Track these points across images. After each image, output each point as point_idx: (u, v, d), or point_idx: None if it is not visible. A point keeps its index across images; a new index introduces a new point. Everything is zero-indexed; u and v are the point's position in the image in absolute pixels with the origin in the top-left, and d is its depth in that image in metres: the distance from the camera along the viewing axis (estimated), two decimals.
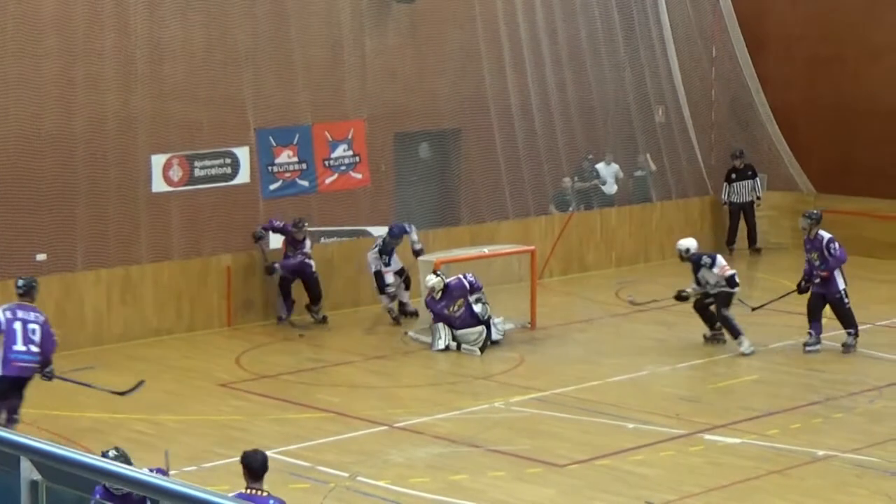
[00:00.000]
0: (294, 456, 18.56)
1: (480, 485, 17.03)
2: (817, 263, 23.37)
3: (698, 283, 23.98)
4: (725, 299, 23.65)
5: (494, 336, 24.05)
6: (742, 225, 32.18)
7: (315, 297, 25.82)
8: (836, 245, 23.37)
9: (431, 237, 27.88)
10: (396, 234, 25.93)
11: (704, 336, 24.21)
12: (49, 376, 18.84)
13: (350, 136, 28.25)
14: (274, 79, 27.08)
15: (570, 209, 30.64)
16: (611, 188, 31.82)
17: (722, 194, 32.10)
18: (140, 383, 19.75)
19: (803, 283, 23.72)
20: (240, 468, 12.84)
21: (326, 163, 27.97)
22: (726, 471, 18.02)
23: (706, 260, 23.81)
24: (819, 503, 16.94)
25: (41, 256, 24.55)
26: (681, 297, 24.28)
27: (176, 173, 26.15)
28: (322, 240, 27.25)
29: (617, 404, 20.80)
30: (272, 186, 27.31)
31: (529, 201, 30.21)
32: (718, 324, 23.94)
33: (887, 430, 19.62)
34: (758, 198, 32.05)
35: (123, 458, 12.86)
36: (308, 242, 25.62)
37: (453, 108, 29.51)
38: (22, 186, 24.33)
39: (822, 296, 23.50)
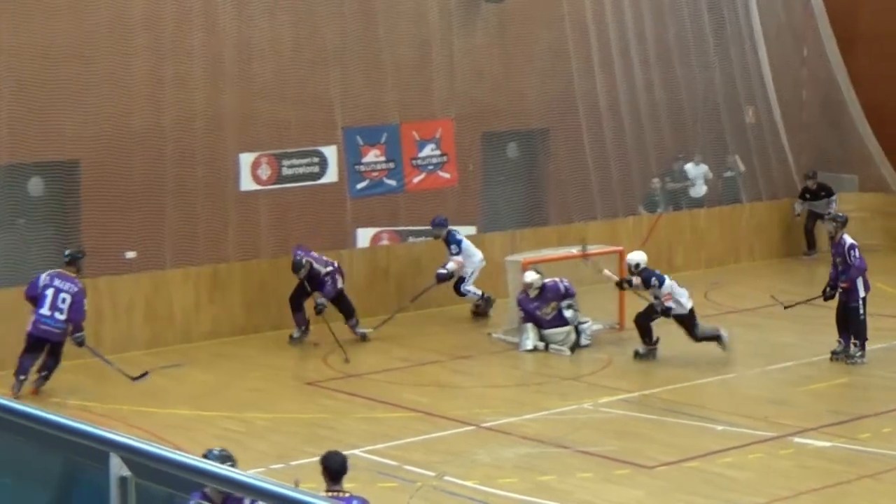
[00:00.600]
0: (381, 455, 18.58)
1: (568, 486, 16.98)
2: (840, 269, 22.91)
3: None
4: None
5: (583, 342, 23.98)
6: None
7: (349, 312, 24.86)
8: (857, 252, 22.84)
9: (518, 237, 27.87)
10: (438, 224, 25.85)
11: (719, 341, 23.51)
12: (79, 342, 20.99)
13: (438, 136, 28.25)
14: (362, 78, 27.12)
15: (659, 210, 30.51)
16: (700, 189, 31.66)
17: (795, 207, 31.68)
18: (145, 374, 21.03)
19: (828, 289, 23.21)
20: None
21: (414, 162, 27.99)
22: (816, 474, 17.90)
23: (654, 282, 23.46)
24: None
25: (131, 254, 24.72)
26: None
27: (264, 172, 26.25)
28: (409, 239, 27.27)
29: (705, 406, 20.72)
30: (359, 185, 27.34)
31: (618, 202, 30.12)
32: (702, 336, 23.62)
33: None
34: (829, 214, 30.63)
35: (228, 458, 12.82)
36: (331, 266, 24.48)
37: (541, 108, 29.47)
38: (111, 184, 24.50)
39: (844, 303, 23.10)
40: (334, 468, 12.86)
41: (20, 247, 24.17)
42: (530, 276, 24.02)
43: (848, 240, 22.98)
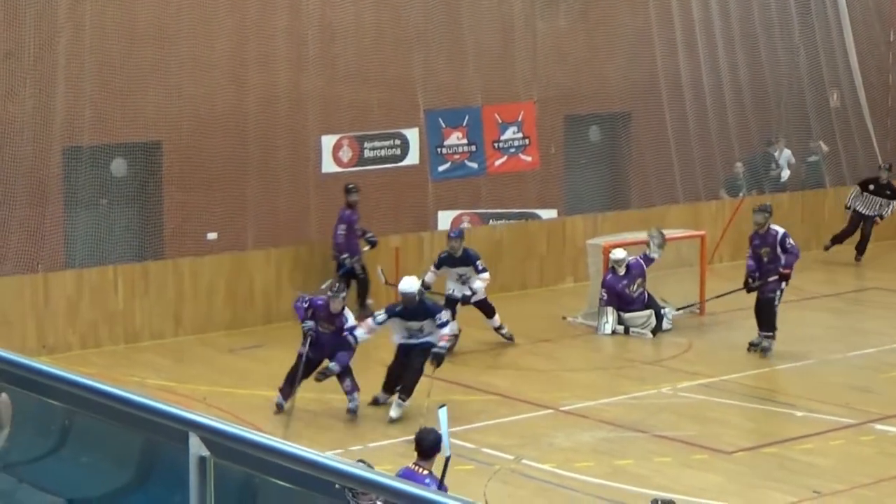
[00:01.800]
0: (458, 437, 18.63)
1: (646, 470, 17.03)
2: (765, 260, 22.51)
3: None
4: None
5: (665, 326, 24.01)
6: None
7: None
8: (791, 239, 22.53)
9: (600, 220, 27.89)
10: (457, 235, 23.43)
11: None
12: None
13: (520, 119, 28.28)
14: (444, 60, 27.19)
15: (741, 194, 30.43)
16: (784, 174, 31.54)
17: (848, 199, 30.24)
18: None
19: (751, 280, 22.76)
20: (404, 448, 13.01)
21: (496, 145, 28.04)
22: None
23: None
24: None
25: (212, 235, 24.89)
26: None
27: (346, 154, 26.37)
28: (490, 222, 27.33)
29: (785, 392, 20.72)
30: (441, 168, 27.42)
31: (700, 185, 30.07)
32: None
33: None
34: (881, 217, 29.97)
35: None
36: (348, 316, 19.98)
37: (624, 91, 29.44)
38: (194, 165, 24.68)
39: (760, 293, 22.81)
40: (424, 445, 13.15)
41: (103, 226, 24.37)
42: (620, 253, 24.10)
43: (779, 229, 22.65)
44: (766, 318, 22.57)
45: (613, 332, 24.00)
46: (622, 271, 24.01)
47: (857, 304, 25.96)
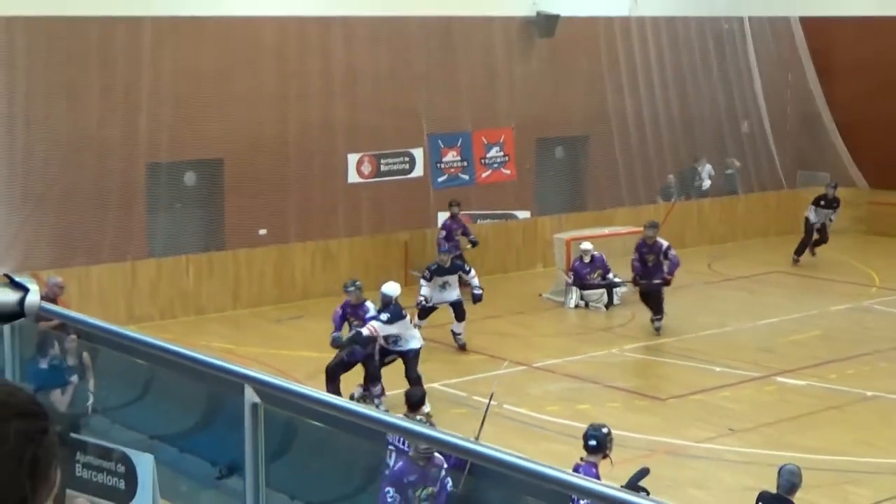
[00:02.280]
0: (454, 388, 18.67)
1: (600, 413, 16.98)
2: (650, 265, 21.81)
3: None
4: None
5: (615, 301, 23.99)
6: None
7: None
8: (673, 251, 21.97)
9: (564, 219, 27.86)
10: (447, 250, 21.90)
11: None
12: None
13: (501, 141, 28.23)
14: (443, 95, 27.14)
15: (673, 199, 30.39)
16: (706, 184, 31.51)
17: (809, 216, 28.45)
18: None
19: (637, 277, 22.02)
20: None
21: (483, 161, 27.99)
22: (794, 406, 17.85)
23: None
24: (868, 433, 16.71)
25: (262, 231, 24.88)
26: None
27: (366, 168, 26.33)
28: (478, 221, 27.28)
29: (707, 352, 20.67)
30: (440, 179, 27.39)
31: (641, 193, 30.03)
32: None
33: None
34: (830, 220, 28.44)
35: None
36: (369, 307, 18.23)
37: (582, 120, 29.38)
38: (248, 178, 24.66)
39: (647, 291, 22.07)
40: (413, 400, 13.12)
41: (177, 225, 24.38)
42: (587, 245, 24.11)
43: (664, 242, 22.07)
44: (655, 304, 21.95)
45: (576, 306, 23.97)
46: (587, 259, 24.00)
47: (763, 285, 25.92)
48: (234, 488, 6.51)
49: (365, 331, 17.24)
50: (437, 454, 10.88)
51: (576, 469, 11.25)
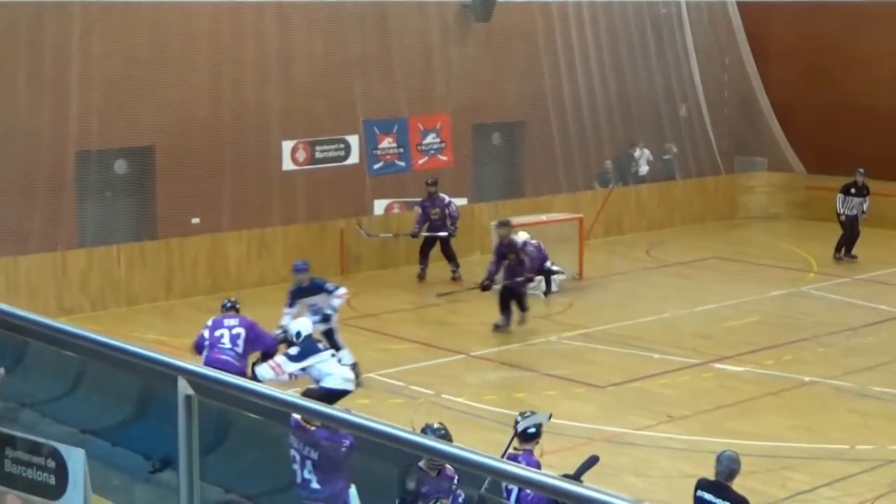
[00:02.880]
0: (391, 377, 18.67)
1: (538, 401, 17.06)
2: (511, 264, 20.97)
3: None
4: None
5: (553, 288, 24.02)
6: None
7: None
8: (530, 245, 21.16)
9: (501, 206, 27.88)
10: (303, 268, 18.63)
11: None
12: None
13: (438, 127, 28.25)
14: (378, 80, 27.11)
15: (611, 185, 30.54)
16: (643, 169, 31.68)
17: (838, 207, 27.17)
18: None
19: (487, 282, 21.19)
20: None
21: (419, 148, 28.00)
22: (732, 392, 18.01)
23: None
24: (806, 418, 16.90)
25: (195, 220, 24.75)
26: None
27: (301, 155, 26.26)
28: (415, 208, 27.27)
29: (646, 339, 20.79)
30: (376, 166, 27.36)
31: (579, 178, 30.15)
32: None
33: (860, 361, 19.53)
34: (863, 212, 27.05)
35: (445, 434, 11.30)
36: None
37: (519, 105, 29.46)
38: (180, 165, 24.54)
39: (510, 288, 21.17)
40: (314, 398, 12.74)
41: (108, 214, 24.22)
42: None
43: (518, 239, 21.38)
44: (523, 301, 21.19)
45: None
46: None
47: (701, 270, 26.11)
48: (168, 482, 6.50)
49: (266, 371, 15.23)
50: (447, 466, 10.46)
51: (514, 459, 11.25)
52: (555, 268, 24.22)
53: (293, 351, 15.38)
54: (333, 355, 15.91)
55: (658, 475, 14.96)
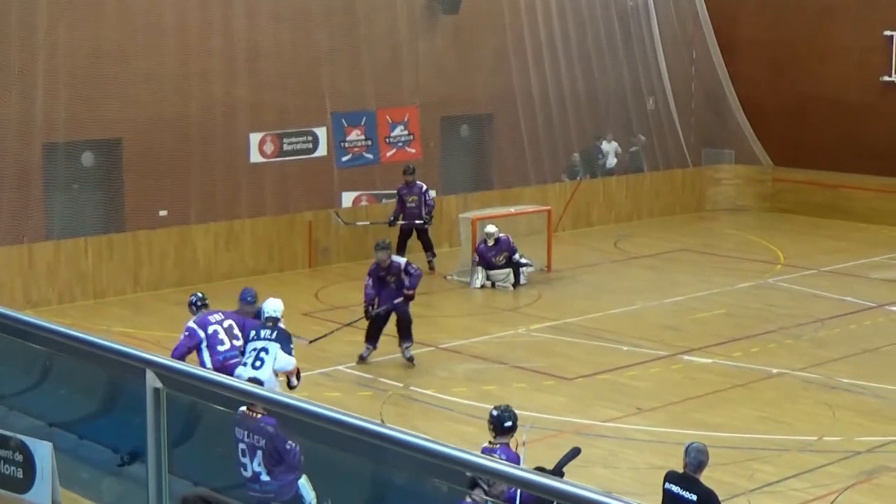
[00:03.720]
0: (360, 370, 18.65)
1: (507, 394, 17.08)
2: (393, 287, 18.83)
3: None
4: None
5: (522, 281, 24.05)
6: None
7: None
8: (412, 266, 19.31)
9: (469, 199, 27.92)
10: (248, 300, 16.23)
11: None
12: None
13: (406, 119, 28.22)
14: (346, 73, 27.07)
15: (579, 177, 30.58)
16: (611, 161, 31.73)
17: None
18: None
19: (370, 308, 18.92)
20: (315, 378, 12.83)
21: (387, 140, 27.96)
22: (701, 384, 18.04)
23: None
24: (774, 410, 16.95)
25: (163, 212, 24.67)
26: None
27: (269, 148, 26.20)
28: (383, 200, 27.25)
29: (614, 331, 20.82)
30: (344, 158, 27.32)
31: (547, 171, 30.17)
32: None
33: (828, 353, 19.60)
34: None
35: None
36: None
37: (487, 97, 29.47)
38: (148, 158, 24.45)
39: (388, 312, 19.03)
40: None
41: (75, 206, 24.11)
42: (491, 228, 24.09)
43: (400, 260, 19.29)
44: (405, 327, 18.99)
45: (482, 287, 24.03)
46: (491, 242, 24.00)
47: (669, 263, 26.16)
48: (137, 475, 6.46)
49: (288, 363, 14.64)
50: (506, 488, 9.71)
51: (491, 452, 11.24)
52: (523, 260, 24.28)
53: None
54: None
55: (627, 467, 14.98)
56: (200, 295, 16.03)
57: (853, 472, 14.68)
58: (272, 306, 14.91)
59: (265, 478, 10.70)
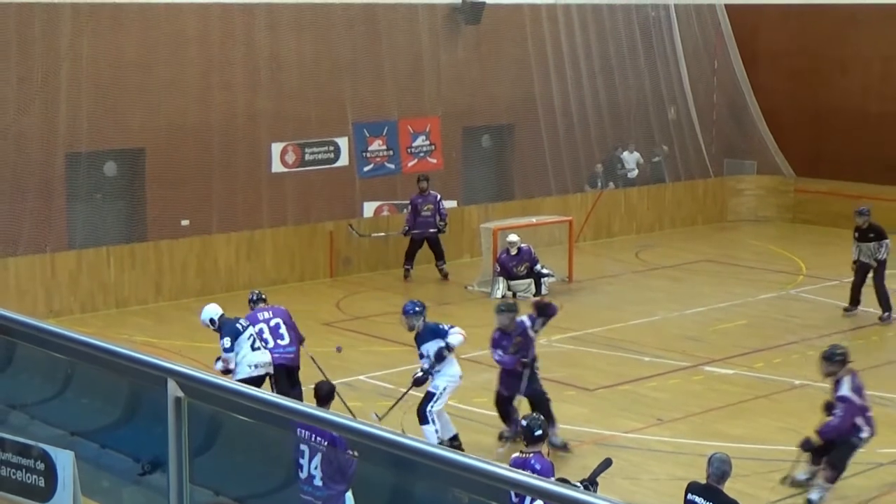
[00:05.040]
0: (381, 380, 18.65)
1: (527, 404, 17.01)
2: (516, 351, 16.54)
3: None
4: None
5: (543, 291, 23.99)
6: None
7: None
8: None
9: (490, 209, 27.90)
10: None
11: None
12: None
13: (427, 130, 28.24)
14: (368, 83, 27.11)
15: (599, 188, 30.55)
16: (633, 172, 31.69)
17: (853, 251, 22.51)
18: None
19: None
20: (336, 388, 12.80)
21: (409, 150, 27.99)
22: (722, 395, 17.99)
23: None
24: (796, 421, 16.85)
25: (185, 222, 24.72)
26: None
27: (290, 157, 26.24)
28: (405, 210, 27.27)
29: (636, 342, 20.78)
30: (366, 168, 27.35)
31: (568, 181, 30.15)
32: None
33: (851, 364, 19.48)
34: (877, 260, 21.98)
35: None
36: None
37: (509, 108, 29.48)
38: (171, 167, 24.51)
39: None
40: (321, 395, 12.73)
41: (98, 216, 24.18)
42: (513, 238, 24.06)
43: (524, 322, 16.38)
44: (546, 412, 15.51)
45: (503, 297, 23.97)
46: (514, 252, 23.96)
47: (691, 273, 26.10)
48: (158, 484, 6.45)
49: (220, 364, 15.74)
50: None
51: (524, 462, 11.23)
52: (545, 270, 24.23)
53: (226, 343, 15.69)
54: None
55: (648, 478, 14.93)
56: (258, 292, 17.12)
57: (877, 485, 14.60)
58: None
59: (318, 482, 10.64)
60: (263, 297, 17.00)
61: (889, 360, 19.81)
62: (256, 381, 15.43)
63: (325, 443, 10.51)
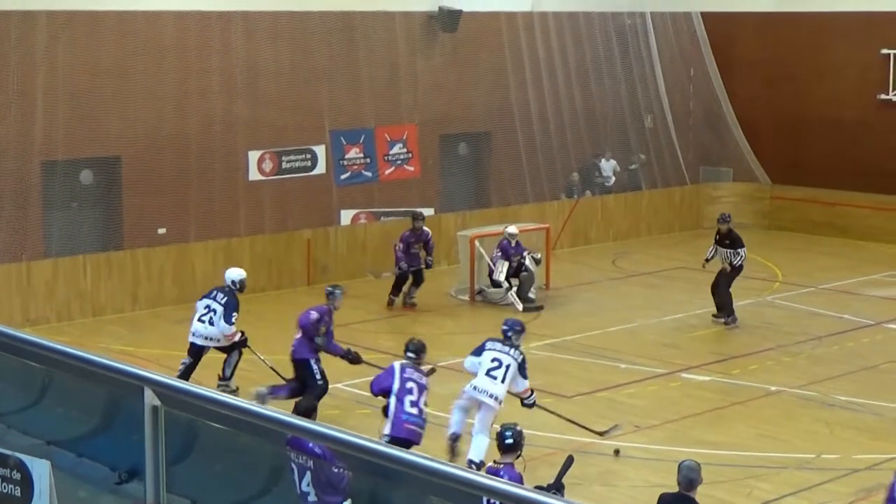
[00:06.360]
0: (359, 388, 18.61)
1: (506, 411, 16.98)
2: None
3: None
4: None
5: (531, 295, 23.92)
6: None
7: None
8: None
9: (468, 216, 27.91)
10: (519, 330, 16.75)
11: None
12: None
13: (405, 137, 28.25)
14: (345, 91, 27.11)
15: (576, 196, 30.59)
16: (610, 180, 31.74)
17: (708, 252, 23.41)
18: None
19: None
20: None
21: (386, 158, 27.99)
22: (698, 402, 18.03)
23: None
24: (772, 428, 16.94)
25: (162, 230, 24.68)
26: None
27: (267, 165, 26.22)
28: (382, 218, 27.28)
29: (613, 349, 20.81)
30: (343, 176, 27.34)
31: (545, 189, 30.19)
32: None
33: (826, 370, 19.59)
34: (731, 265, 22.69)
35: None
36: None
37: (485, 115, 29.51)
38: (146, 176, 24.48)
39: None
40: (300, 412, 12.48)
41: (74, 224, 24.12)
42: (513, 229, 24.16)
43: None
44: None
45: (507, 279, 23.81)
46: (514, 242, 24.02)
47: (668, 280, 26.17)
48: (135, 493, 6.45)
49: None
50: None
51: (495, 473, 11.22)
52: (536, 256, 24.21)
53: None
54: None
55: (625, 485, 14.95)
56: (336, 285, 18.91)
57: (852, 490, 14.66)
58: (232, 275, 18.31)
59: (312, 498, 10.66)
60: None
61: (863, 365, 19.89)
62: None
63: (311, 461, 10.52)
